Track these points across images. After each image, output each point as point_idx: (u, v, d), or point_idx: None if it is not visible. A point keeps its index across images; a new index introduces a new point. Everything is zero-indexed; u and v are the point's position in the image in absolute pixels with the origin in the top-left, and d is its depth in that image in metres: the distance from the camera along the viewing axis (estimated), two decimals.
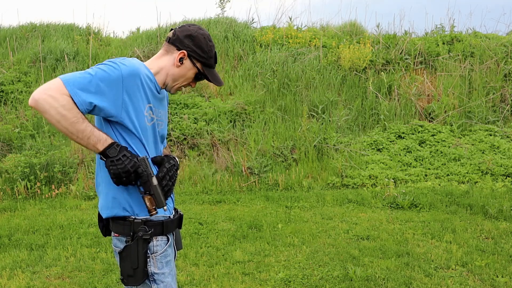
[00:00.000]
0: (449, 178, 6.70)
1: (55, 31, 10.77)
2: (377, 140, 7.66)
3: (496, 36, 10.25)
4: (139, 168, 1.74)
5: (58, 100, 1.61)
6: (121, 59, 1.78)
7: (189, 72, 1.93)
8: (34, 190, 6.36)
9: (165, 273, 1.86)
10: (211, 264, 4.12)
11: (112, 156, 1.72)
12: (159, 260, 1.84)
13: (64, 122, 1.64)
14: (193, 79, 1.97)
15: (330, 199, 6.04)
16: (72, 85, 1.64)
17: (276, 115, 8.10)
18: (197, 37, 1.90)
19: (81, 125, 1.66)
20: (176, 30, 1.92)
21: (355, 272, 3.78)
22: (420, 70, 9.32)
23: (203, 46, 1.91)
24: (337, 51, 9.47)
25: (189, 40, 1.89)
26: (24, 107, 8.34)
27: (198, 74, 1.95)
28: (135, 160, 1.74)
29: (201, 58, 1.91)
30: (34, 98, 1.61)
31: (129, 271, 1.80)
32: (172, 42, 1.91)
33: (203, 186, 6.70)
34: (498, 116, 8.31)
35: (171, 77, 1.91)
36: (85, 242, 4.68)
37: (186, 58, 1.90)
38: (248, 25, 10.90)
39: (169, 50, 1.92)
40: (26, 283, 3.78)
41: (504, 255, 4.18)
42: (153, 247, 1.83)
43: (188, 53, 1.89)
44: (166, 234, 1.88)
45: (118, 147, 1.73)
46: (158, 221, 1.85)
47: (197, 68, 1.93)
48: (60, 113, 1.62)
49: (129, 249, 1.80)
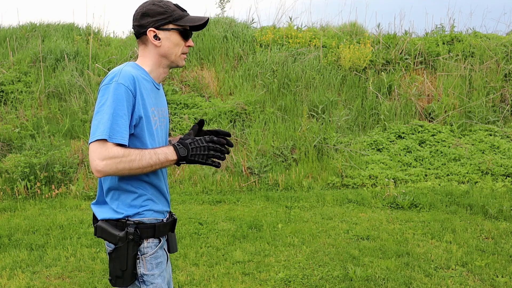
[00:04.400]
0: (449, 178, 6.70)
1: (55, 31, 10.77)
2: (377, 140, 7.66)
3: (496, 36, 10.25)
4: (208, 139, 1.80)
5: (112, 160, 1.67)
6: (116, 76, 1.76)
7: (172, 38, 1.87)
8: (34, 190, 6.36)
9: (155, 275, 1.85)
10: (211, 264, 4.12)
11: (186, 154, 1.77)
12: (149, 262, 1.84)
13: (135, 168, 1.71)
14: (183, 39, 1.90)
15: (330, 199, 6.04)
16: (104, 135, 1.67)
17: (276, 115, 8.10)
18: (147, 10, 1.85)
19: (145, 156, 1.72)
20: (133, 25, 1.90)
21: (355, 272, 3.78)
22: (420, 70, 9.32)
23: (159, 10, 1.85)
24: (337, 51, 9.47)
25: (144, 18, 1.85)
26: (24, 107, 8.34)
27: (180, 33, 1.88)
28: (196, 139, 1.80)
29: (166, 20, 1.85)
30: (98, 170, 1.67)
31: (118, 272, 1.80)
32: (138, 34, 1.88)
33: (203, 186, 6.70)
34: (498, 116, 8.31)
35: (164, 56, 1.88)
36: (85, 242, 4.68)
37: (159, 32, 1.85)
38: (248, 25, 10.89)
39: (143, 41, 1.89)
40: (26, 283, 3.78)
41: (504, 255, 4.18)
42: (144, 248, 1.83)
43: (154, 27, 1.85)
44: (158, 237, 1.88)
45: (179, 145, 1.78)
46: (150, 223, 1.85)
47: (173, 29, 1.87)
48: (125, 167, 1.69)
49: (119, 251, 1.79)
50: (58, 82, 8.75)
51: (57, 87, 8.70)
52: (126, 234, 1.79)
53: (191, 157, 1.78)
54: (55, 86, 8.71)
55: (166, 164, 1.78)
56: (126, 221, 1.81)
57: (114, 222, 1.82)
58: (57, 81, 8.80)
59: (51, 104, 8.50)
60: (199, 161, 1.79)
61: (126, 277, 1.80)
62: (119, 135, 1.69)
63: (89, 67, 9.13)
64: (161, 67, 1.91)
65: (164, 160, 1.76)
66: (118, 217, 1.82)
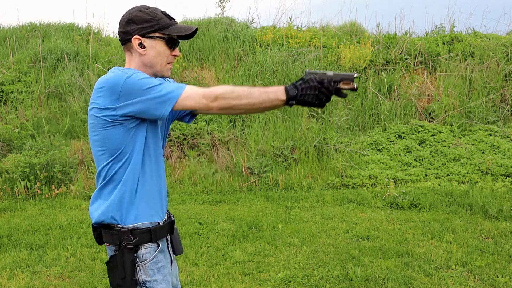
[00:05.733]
0: (449, 178, 6.70)
1: (55, 31, 10.76)
2: (377, 140, 7.66)
3: (496, 36, 10.24)
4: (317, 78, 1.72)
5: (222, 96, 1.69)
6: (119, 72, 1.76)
7: (158, 47, 1.81)
8: (34, 190, 6.36)
9: (158, 280, 1.81)
10: (211, 264, 4.12)
11: (296, 93, 1.70)
12: (149, 268, 1.80)
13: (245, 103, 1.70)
14: (169, 48, 1.85)
15: (330, 199, 6.04)
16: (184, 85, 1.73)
17: (276, 115, 8.10)
18: (133, 16, 1.80)
19: (253, 92, 1.71)
20: (119, 31, 1.85)
21: (355, 272, 3.78)
22: (420, 70, 9.32)
23: (145, 18, 1.79)
24: (337, 51, 9.46)
25: (130, 25, 1.80)
26: (24, 107, 8.34)
27: (166, 41, 1.83)
28: (308, 78, 1.72)
29: (152, 28, 1.79)
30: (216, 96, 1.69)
31: (118, 281, 1.77)
32: (123, 40, 1.84)
33: (203, 186, 6.70)
34: (498, 116, 8.31)
35: (149, 65, 1.83)
36: (85, 242, 4.68)
37: (144, 40, 1.80)
38: (248, 25, 10.89)
39: (128, 49, 1.84)
40: (26, 283, 3.78)
41: (504, 255, 4.18)
42: (142, 255, 1.79)
43: (139, 35, 1.79)
44: (156, 241, 1.83)
45: (290, 86, 1.72)
46: (145, 228, 1.80)
47: (159, 38, 1.81)
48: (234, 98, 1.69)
49: (115, 259, 1.76)
50: (58, 82, 8.75)
51: (57, 87, 8.70)
52: (120, 242, 1.75)
53: (301, 97, 1.70)
54: (55, 86, 8.71)
55: (275, 103, 1.72)
56: (120, 228, 1.77)
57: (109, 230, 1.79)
58: (57, 81, 8.80)
59: (51, 104, 8.50)
60: (309, 101, 1.71)
61: (126, 284, 1.77)
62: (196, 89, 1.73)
63: (89, 67, 9.13)
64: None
65: (274, 98, 1.70)
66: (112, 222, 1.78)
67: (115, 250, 1.78)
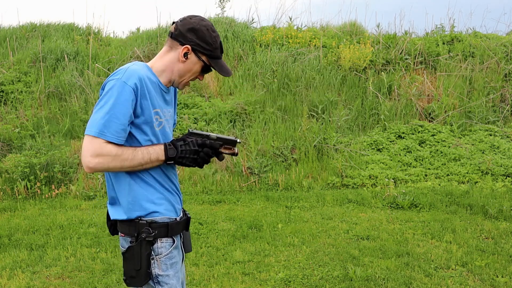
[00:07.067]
0: (449, 178, 6.70)
1: (55, 31, 10.76)
2: (377, 140, 7.66)
3: (496, 36, 10.25)
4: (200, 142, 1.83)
5: (105, 157, 1.68)
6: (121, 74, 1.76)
7: (195, 66, 1.88)
8: (34, 190, 6.36)
9: (170, 275, 1.84)
10: (211, 264, 4.12)
11: (174, 155, 1.80)
12: (164, 262, 1.83)
13: (126, 167, 1.74)
14: (200, 72, 1.92)
15: (330, 199, 6.04)
16: (100, 132, 1.68)
17: (276, 115, 8.10)
18: (199, 29, 1.84)
19: (138, 156, 1.75)
20: (178, 24, 1.86)
21: (355, 272, 3.78)
22: (420, 70, 9.32)
23: (206, 39, 1.85)
24: (337, 51, 9.46)
25: (192, 33, 1.83)
26: (24, 107, 8.34)
27: (204, 67, 1.90)
28: (190, 141, 1.82)
29: (206, 51, 1.86)
30: (89, 167, 1.68)
31: (132, 272, 1.80)
32: (175, 37, 1.85)
33: (203, 186, 6.70)
34: (498, 116, 8.31)
35: (177, 73, 1.88)
36: (85, 242, 4.68)
37: (191, 53, 1.85)
38: (248, 25, 10.89)
39: (173, 46, 1.87)
40: (26, 283, 3.78)
41: (504, 255, 4.18)
42: (158, 248, 1.82)
43: (192, 47, 1.84)
44: (172, 236, 1.87)
45: (170, 145, 1.81)
46: (163, 223, 1.84)
47: (202, 61, 1.87)
48: (116, 165, 1.72)
49: (132, 250, 1.79)
50: (58, 82, 8.76)
51: (57, 87, 8.70)
52: (139, 233, 1.79)
53: (179, 159, 1.81)
54: (55, 86, 8.72)
55: (156, 164, 1.80)
56: (139, 220, 1.81)
57: (127, 221, 1.83)
58: (57, 81, 8.80)
59: (51, 104, 8.50)
60: (186, 163, 1.83)
61: (140, 276, 1.80)
62: (115, 134, 1.69)
63: (89, 67, 9.13)
64: (167, 77, 1.90)
65: (155, 159, 1.79)
66: (131, 217, 1.82)
67: (131, 241, 1.81)
